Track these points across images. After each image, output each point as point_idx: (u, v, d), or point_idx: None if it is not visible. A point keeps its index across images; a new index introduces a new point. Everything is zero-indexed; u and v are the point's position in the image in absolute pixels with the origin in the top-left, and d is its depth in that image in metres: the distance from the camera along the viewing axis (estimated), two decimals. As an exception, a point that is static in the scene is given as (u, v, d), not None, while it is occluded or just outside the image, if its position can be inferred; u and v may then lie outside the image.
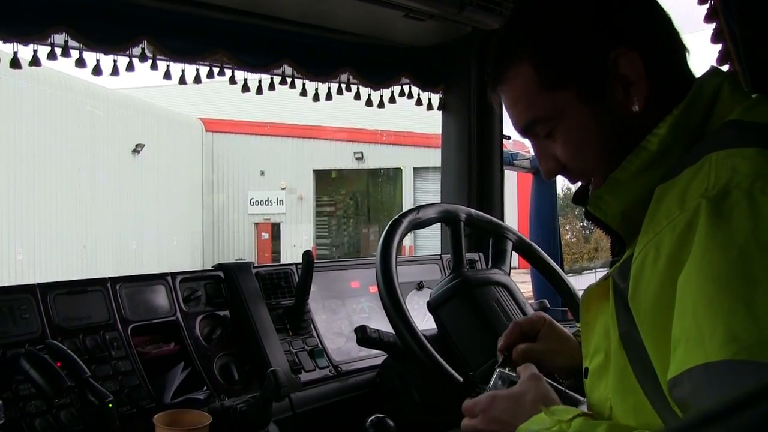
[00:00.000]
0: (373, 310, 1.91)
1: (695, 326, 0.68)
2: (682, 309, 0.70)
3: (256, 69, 1.99)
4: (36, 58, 1.60)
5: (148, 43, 1.71)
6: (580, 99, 0.85)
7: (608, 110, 0.84)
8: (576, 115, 0.85)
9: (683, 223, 0.72)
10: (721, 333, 0.65)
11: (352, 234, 22.72)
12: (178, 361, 1.49)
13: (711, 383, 0.65)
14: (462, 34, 2.15)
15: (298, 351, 1.69)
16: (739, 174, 0.71)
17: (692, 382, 0.67)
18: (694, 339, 0.67)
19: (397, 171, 20.87)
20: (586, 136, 0.86)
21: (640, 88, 0.83)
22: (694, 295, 0.69)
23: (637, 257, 0.77)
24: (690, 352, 0.68)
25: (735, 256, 0.67)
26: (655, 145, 0.81)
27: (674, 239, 0.72)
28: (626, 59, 0.82)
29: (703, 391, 0.66)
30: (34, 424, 1.21)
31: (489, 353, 1.46)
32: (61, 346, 1.25)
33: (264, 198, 21.26)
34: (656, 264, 0.73)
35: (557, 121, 0.87)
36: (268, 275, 1.76)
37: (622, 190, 0.83)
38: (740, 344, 0.64)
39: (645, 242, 0.76)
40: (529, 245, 1.76)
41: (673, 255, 0.72)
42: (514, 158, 2.46)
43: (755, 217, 0.68)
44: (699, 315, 0.68)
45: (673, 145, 0.81)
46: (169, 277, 1.58)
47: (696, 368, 0.67)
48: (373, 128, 19.00)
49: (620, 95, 0.83)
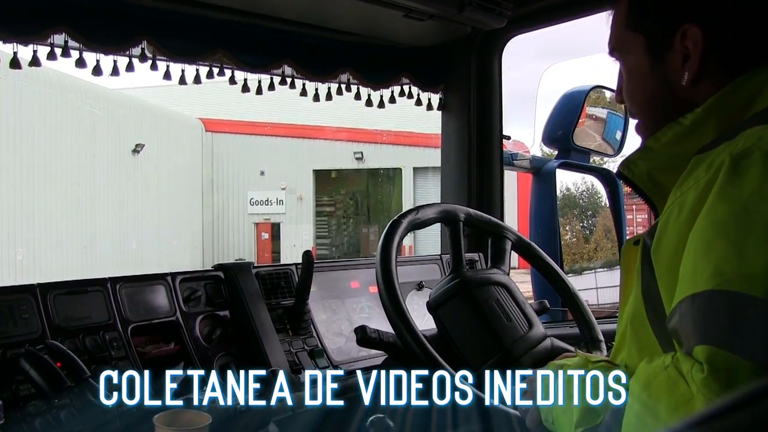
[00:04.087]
0: (373, 310, 1.91)
1: (692, 265, 0.76)
2: (686, 253, 0.78)
3: (256, 69, 1.99)
4: (36, 58, 1.60)
5: (148, 43, 1.71)
6: (645, 48, 0.95)
7: (663, 72, 0.94)
8: (638, 60, 0.96)
9: (705, 181, 0.79)
10: (710, 269, 0.73)
11: (352, 234, 22.72)
12: (178, 361, 1.49)
13: (692, 311, 0.74)
14: (462, 34, 2.15)
15: (298, 351, 1.69)
16: (764, 141, 0.78)
17: (680, 311, 0.76)
18: (689, 275, 0.76)
19: (397, 171, 20.87)
20: (640, 82, 0.97)
21: (693, 65, 0.90)
22: (696, 240, 0.76)
23: (663, 214, 0.85)
24: (683, 286, 0.76)
25: (738, 206, 0.75)
26: (689, 120, 0.89)
27: (696, 196, 0.79)
28: (692, 34, 0.90)
29: (686, 317, 0.75)
30: (34, 424, 1.21)
31: (489, 353, 1.46)
32: (61, 346, 1.25)
33: (264, 198, 21.25)
34: (678, 218, 0.81)
35: (626, 57, 0.99)
36: (268, 275, 1.76)
37: (654, 156, 0.92)
38: (723, 277, 0.72)
39: (672, 201, 0.84)
40: (528, 244, 1.76)
41: (692, 209, 0.79)
42: (514, 158, 2.46)
43: (766, 174, 0.75)
44: (697, 255, 0.76)
45: (704, 123, 0.88)
46: (169, 277, 1.58)
47: (685, 299, 0.76)
48: (373, 128, 18.99)
49: (676, 64, 0.92)
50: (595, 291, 8.14)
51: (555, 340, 1.55)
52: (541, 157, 2.62)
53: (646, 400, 0.76)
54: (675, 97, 0.92)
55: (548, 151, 2.69)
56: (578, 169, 2.65)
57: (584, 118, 2.51)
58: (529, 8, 2.13)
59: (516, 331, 1.49)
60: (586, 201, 21.56)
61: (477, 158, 2.33)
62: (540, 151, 2.75)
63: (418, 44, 2.26)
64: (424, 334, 1.39)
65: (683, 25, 0.90)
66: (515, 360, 1.46)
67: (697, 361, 0.73)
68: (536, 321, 1.55)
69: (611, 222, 2.77)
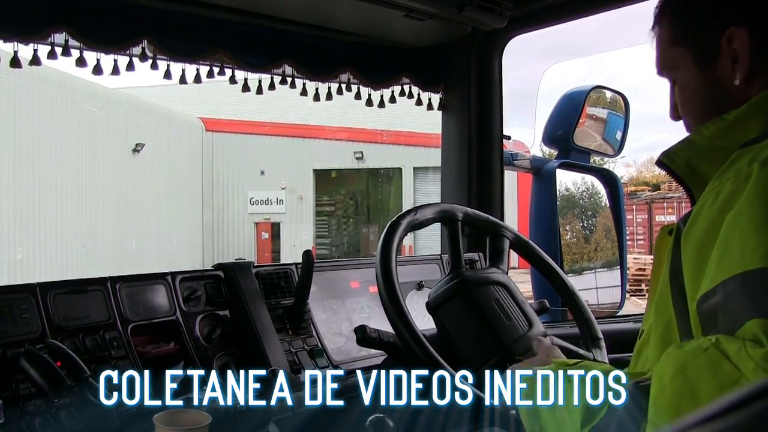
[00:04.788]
0: (373, 310, 1.91)
1: (739, 246, 0.76)
2: (726, 235, 0.79)
3: (256, 69, 1.99)
4: (36, 58, 1.60)
5: (149, 42, 1.71)
6: (693, 60, 0.97)
7: (715, 77, 0.96)
8: (687, 72, 0.99)
9: (747, 173, 0.81)
10: (763, 248, 0.74)
11: (352, 234, 22.72)
12: (178, 360, 1.49)
13: (744, 288, 0.74)
14: (462, 34, 2.15)
15: (298, 351, 1.69)
16: None
17: (726, 290, 0.76)
18: (737, 255, 0.76)
19: (397, 171, 20.87)
20: (693, 93, 0.99)
21: (744, 65, 0.92)
22: (742, 222, 0.77)
23: (699, 202, 0.87)
24: (727, 267, 0.76)
25: None
26: (732, 116, 0.91)
27: (734, 187, 0.81)
28: (738, 36, 0.92)
29: (736, 294, 0.75)
30: (34, 423, 1.21)
31: (489, 353, 1.46)
32: (61, 345, 1.25)
33: (264, 197, 21.25)
34: (713, 206, 0.83)
35: (676, 73, 1.01)
36: (268, 275, 1.76)
37: (696, 148, 0.95)
38: None
39: (709, 189, 0.86)
40: (526, 243, 1.76)
41: (728, 199, 0.81)
42: (514, 158, 2.46)
43: None
44: (744, 237, 0.76)
45: (749, 119, 0.90)
46: (169, 277, 1.58)
47: (732, 277, 0.75)
48: (373, 128, 18.99)
49: (727, 67, 0.94)
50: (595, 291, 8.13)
51: (555, 339, 1.55)
52: (542, 157, 2.62)
53: (681, 385, 0.75)
54: (731, 100, 0.94)
55: (548, 151, 2.69)
56: (578, 169, 2.65)
57: (584, 118, 2.51)
58: (529, 8, 2.13)
59: (516, 330, 1.49)
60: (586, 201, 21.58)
61: (477, 158, 2.33)
62: (540, 151, 2.75)
63: (418, 44, 2.26)
64: (424, 334, 1.39)
65: (727, 29, 0.92)
66: (515, 360, 1.46)
67: (748, 339, 0.72)
68: (536, 320, 1.55)
69: (611, 222, 2.77)
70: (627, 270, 2.75)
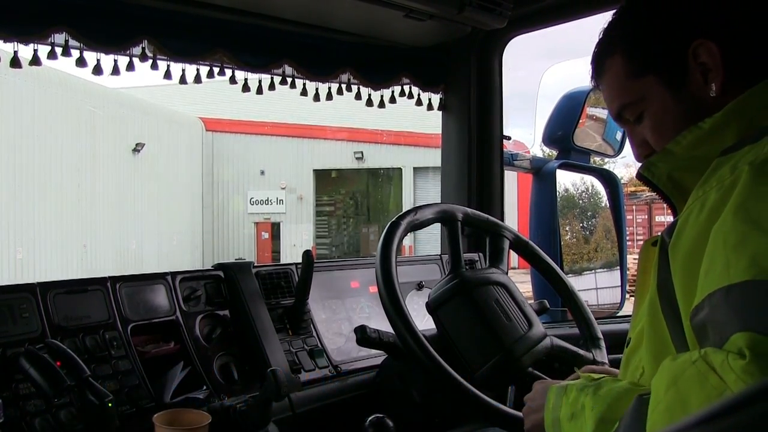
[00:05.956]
0: (373, 310, 1.91)
1: (724, 258, 0.75)
2: (712, 248, 0.77)
3: (256, 69, 1.98)
4: (36, 58, 1.60)
5: (149, 42, 1.71)
6: (662, 84, 0.95)
7: (689, 95, 0.93)
8: (659, 99, 0.95)
9: (730, 181, 0.80)
10: (745, 261, 0.73)
11: (352, 234, 22.71)
12: (177, 360, 1.49)
13: (728, 302, 0.74)
14: (462, 34, 2.15)
15: (297, 351, 1.69)
16: None
17: (711, 303, 0.75)
18: (721, 268, 0.75)
19: (397, 171, 20.86)
20: (669, 117, 0.95)
21: (717, 75, 0.90)
22: (725, 235, 0.76)
23: (683, 213, 0.85)
24: (712, 279, 0.76)
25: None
26: (708, 125, 0.89)
27: (719, 196, 0.80)
28: (705, 49, 0.90)
29: (721, 308, 0.74)
30: (34, 423, 1.21)
31: (489, 353, 1.46)
32: (60, 345, 1.25)
33: (264, 197, 21.26)
34: (699, 216, 0.82)
35: (643, 105, 0.97)
36: (268, 275, 1.76)
37: (674, 158, 0.93)
38: (760, 268, 0.72)
39: (693, 200, 0.85)
40: (525, 243, 1.76)
41: (714, 209, 0.80)
42: (514, 158, 2.46)
43: None
44: (728, 250, 0.75)
45: (725, 127, 0.88)
46: (169, 277, 1.58)
47: (717, 290, 0.75)
48: (374, 128, 18.99)
49: (699, 81, 0.92)
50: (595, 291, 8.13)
51: (555, 339, 1.55)
52: (542, 158, 2.62)
53: (673, 397, 0.76)
54: (711, 112, 0.91)
55: (548, 151, 2.70)
56: (578, 169, 2.65)
57: (584, 119, 2.51)
58: (529, 8, 2.13)
59: (516, 330, 1.49)
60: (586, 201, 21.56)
61: (477, 158, 2.32)
62: (540, 151, 2.75)
63: (418, 44, 2.26)
64: (424, 334, 1.39)
65: (691, 44, 0.91)
66: (515, 360, 1.46)
67: (732, 352, 0.72)
68: (536, 320, 1.55)
69: (611, 222, 2.77)
70: (627, 270, 2.75)
